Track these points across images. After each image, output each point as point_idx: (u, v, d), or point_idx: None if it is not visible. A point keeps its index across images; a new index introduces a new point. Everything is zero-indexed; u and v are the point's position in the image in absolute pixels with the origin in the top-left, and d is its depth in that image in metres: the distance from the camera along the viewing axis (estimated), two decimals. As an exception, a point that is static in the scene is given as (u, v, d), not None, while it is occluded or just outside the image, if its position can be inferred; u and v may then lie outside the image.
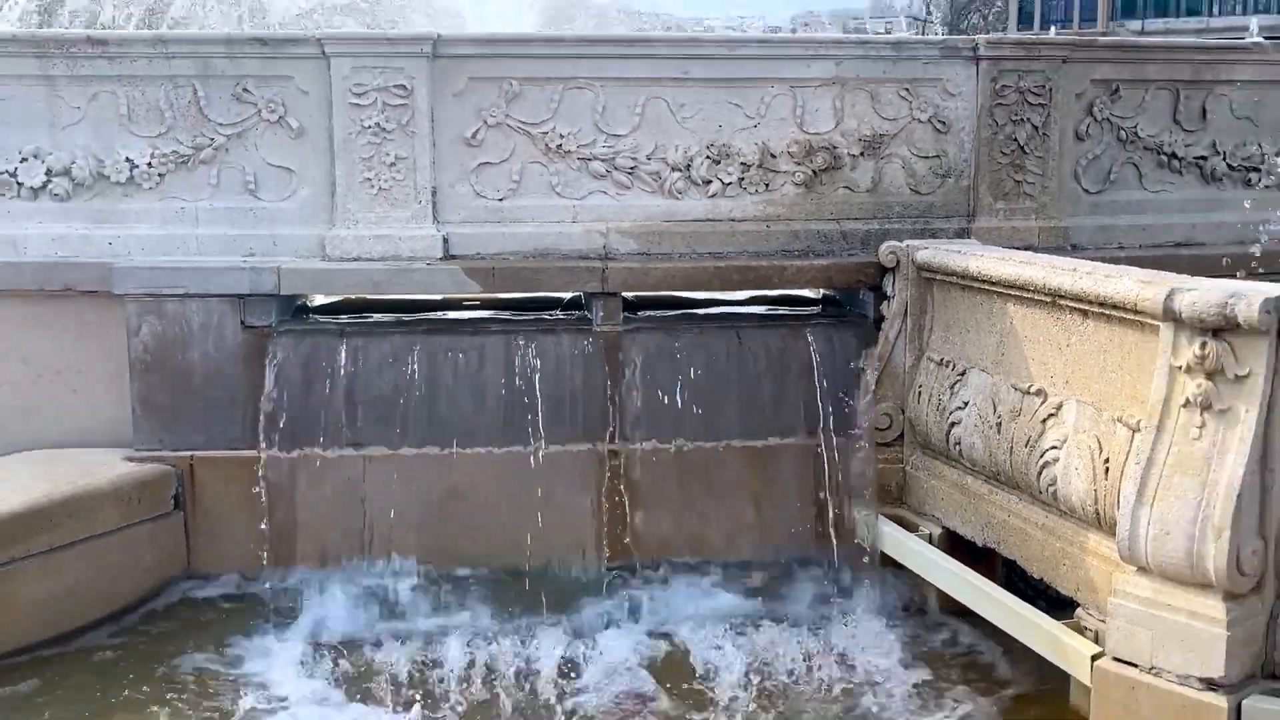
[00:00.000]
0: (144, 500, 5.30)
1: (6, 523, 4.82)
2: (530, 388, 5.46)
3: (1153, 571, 3.94)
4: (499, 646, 5.00)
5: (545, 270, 5.59)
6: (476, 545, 5.48)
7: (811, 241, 5.79)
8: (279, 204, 5.58)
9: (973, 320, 5.14)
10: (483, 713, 4.59)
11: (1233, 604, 3.82)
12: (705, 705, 4.66)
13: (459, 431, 5.46)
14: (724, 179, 5.73)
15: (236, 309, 5.43)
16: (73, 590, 5.03)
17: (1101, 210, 6.15)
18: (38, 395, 5.62)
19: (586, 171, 5.67)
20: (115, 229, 5.54)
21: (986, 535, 5.03)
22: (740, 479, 5.59)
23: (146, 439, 5.47)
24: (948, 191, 5.88)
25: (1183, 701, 3.84)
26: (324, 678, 4.80)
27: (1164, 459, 3.90)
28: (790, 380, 5.59)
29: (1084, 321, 4.47)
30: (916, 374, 5.46)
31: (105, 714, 4.50)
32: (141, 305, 5.40)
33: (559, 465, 5.46)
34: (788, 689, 4.77)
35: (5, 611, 4.80)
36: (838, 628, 5.17)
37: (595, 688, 4.78)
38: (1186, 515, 3.82)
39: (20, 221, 5.54)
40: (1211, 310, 3.73)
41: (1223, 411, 3.80)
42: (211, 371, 5.44)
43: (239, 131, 5.51)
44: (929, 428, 5.34)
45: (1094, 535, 4.41)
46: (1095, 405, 4.42)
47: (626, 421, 5.52)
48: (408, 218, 5.55)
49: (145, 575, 5.31)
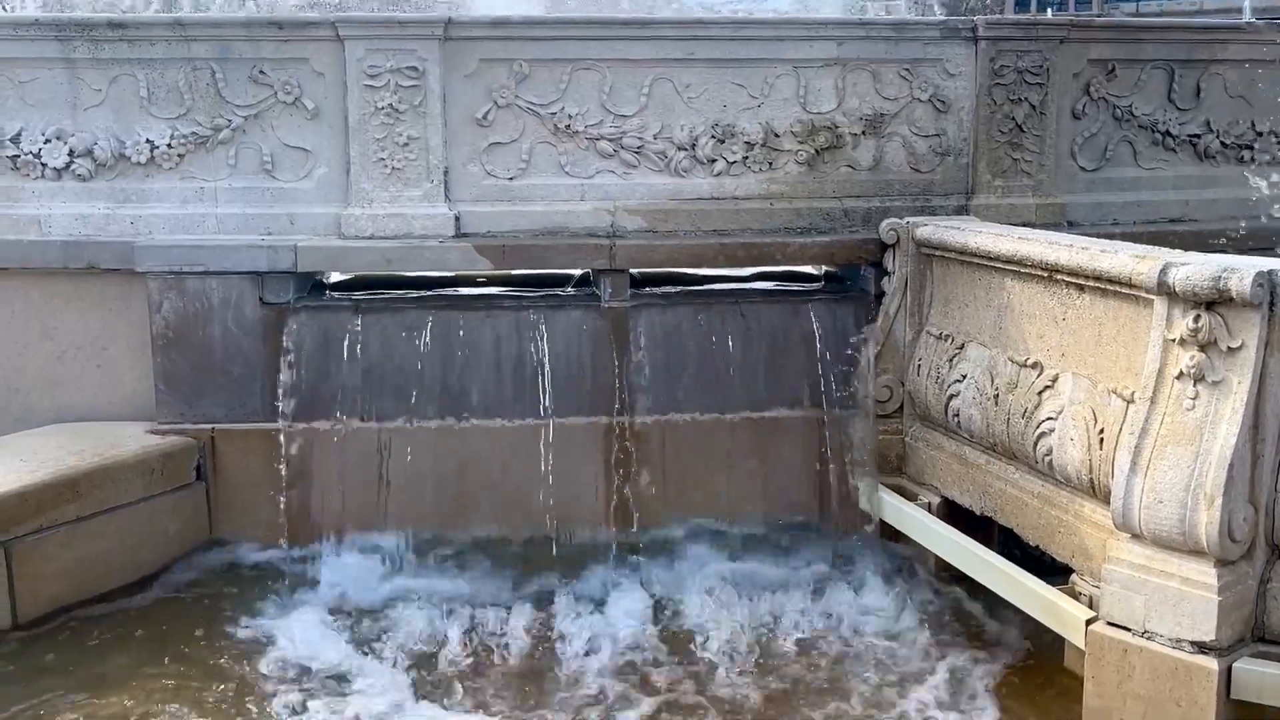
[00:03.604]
0: (167, 471, 5.44)
1: (36, 493, 4.96)
2: (540, 362, 5.59)
3: (1146, 538, 4.06)
4: (508, 612, 5.15)
5: (554, 248, 5.70)
6: (488, 515, 5.61)
7: (814, 219, 5.91)
8: (295, 184, 5.69)
9: (971, 295, 5.27)
10: (491, 675, 4.73)
11: (1224, 570, 3.93)
12: (708, 668, 4.79)
13: (471, 404, 5.58)
14: (728, 158, 5.84)
15: (255, 286, 5.55)
16: (99, 558, 5.18)
17: (1097, 187, 6.26)
18: (62, 371, 5.76)
19: (594, 151, 5.78)
20: (137, 208, 5.67)
21: (984, 504, 5.17)
22: (744, 450, 5.71)
23: (169, 412, 5.60)
24: (947, 169, 6.00)
25: (1175, 664, 3.96)
26: (341, 641, 4.93)
27: (1157, 429, 4.02)
28: (793, 354, 5.71)
29: (1080, 296, 4.59)
30: (916, 348, 5.59)
31: (130, 674, 4.63)
32: (163, 282, 5.53)
33: (568, 437, 5.59)
34: (788, 653, 4.90)
35: (35, 578, 4.95)
36: (839, 593, 5.30)
37: (600, 651, 4.91)
38: (1179, 484, 3.94)
39: (44, 201, 5.67)
40: (1205, 284, 3.84)
41: (1215, 383, 3.91)
42: (231, 347, 5.57)
43: (256, 113, 5.62)
44: (928, 400, 5.48)
45: (1089, 504, 4.54)
46: (1090, 377, 4.54)
47: (634, 394, 5.64)
48: (420, 197, 5.66)
49: (169, 544, 5.46)
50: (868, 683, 4.67)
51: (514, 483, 5.59)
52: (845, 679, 4.71)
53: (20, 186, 5.68)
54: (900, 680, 4.68)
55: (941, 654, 4.87)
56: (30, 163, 5.63)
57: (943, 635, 5.01)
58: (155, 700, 4.46)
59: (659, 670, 4.78)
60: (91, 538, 5.15)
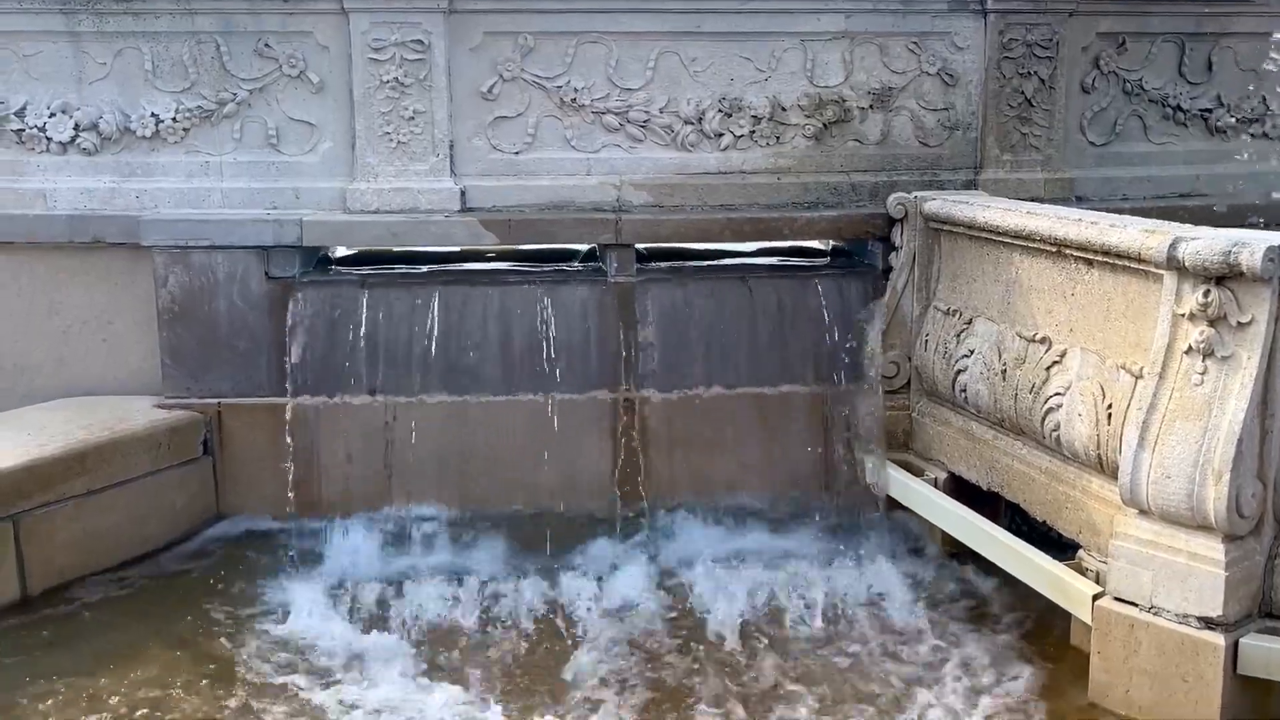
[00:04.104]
0: (174, 446, 5.45)
1: (44, 467, 4.96)
2: (547, 337, 5.58)
3: (1154, 514, 4.06)
4: (513, 585, 5.15)
5: (560, 222, 5.68)
6: (494, 489, 5.61)
7: (821, 194, 5.88)
8: (301, 158, 5.68)
9: (979, 270, 5.25)
10: (497, 650, 4.73)
11: (1231, 545, 3.93)
12: (714, 642, 4.79)
13: (477, 379, 5.58)
14: (735, 132, 5.81)
15: (261, 260, 5.54)
16: (107, 531, 5.20)
17: (1107, 162, 6.23)
18: (68, 345, 5.76)
19: (600, 125, 5.75)
20: (142, 182, 5.65)
21: (991, 479, 5.16)
22: (750, 425, 5.70)
23: (175, 387, 5.61)
24: (955, 144, 5.97)
25: (1181, 639, 3.97)
26: (347, 616, 4.94)
27: (1166, 404, 4.01)
28: (799, 329, 5.70)
29: (1088, 271, 4.57)
30: (923, 323, 5.58)
31: (138, 647, 4.64)
32: (168, 256, 5.52)
33: (575, 412, 5.59)
34: (794, 625, 4.90)
35: (43, 551, 4.97)
36: (844, 568, 5.30)
37: (606, 624, 4.91)
38: (1187, 459, 3.93)
39: (49, 175, 5.66)
40: (1215, 258, 3.82)
41: (1225, 358, 3.90)
42: (237, 321, 5.56)
43: (261, 86, 5.60)
44: (935, 375, 5.47)
45: (1096, 479, 4.53)
46: (1099, 353, 4.53)
47: (640, 370, 5.63)
48: (426, 171, 5.65)
49: (176, 518, 5.47)
50: (872, 657, 4.67)
51: (520, 457, 5.60)
52: (850, 653, 4.71)
53: (25, 160, 5.67)
54: (904, 655, 4.68)
55: (946, 629, 4.86)
56: (35, 136, 5.62)
57: (948, 611, 5.01)
58: (161, 672, 4.48)
59: (666, 644, 4.78)
60: (99, 511, 5.17)
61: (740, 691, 4.44)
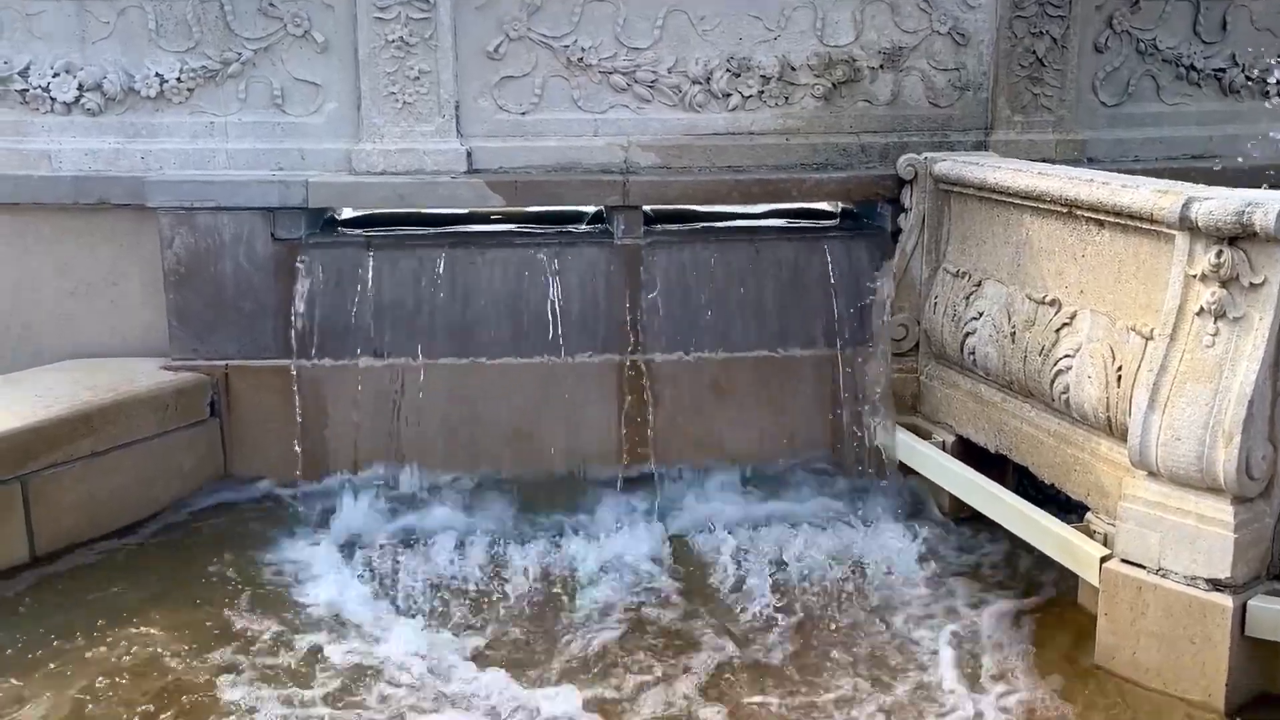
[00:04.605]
0: (181, 408, 5.45)
1: (51, 428, 4.97)
2: (553, 299, 5.56)
3: (1163, 476, 4.04)
4: (521, 548, 5.16)
5: (567, 184, 5.64)
6: (501, 452, 5.61)
7: (830, 155, 5.84)
8: (306, 118, 5.64)
9: (989, 232, 5.21)
10: (503, 610, 4.75)
11: (1241, 507, 3.91)
12: (719, 603, 4.80)
13: (484, 342, 5.56)
14: (744, 92, 5.76)
15: (266, 222, 5.52)
16: (115, 493, 5.21)
17: (1119, 123, 6.17)
18: (75, 307, 5.76)
19: (608, 85, 5.70)
20: (147, 143, 5.63)
21: (999, 442, 5.15)
22: (758, 388, 5.68)
23: (181, 349, 5.60)
24: (966, 104, 5.91)
25: (1189, 601, 3.96)
26: (354, 576, 4.95)
27: (1176, 366, 3.98)
28: (808, 292, 5.67)
29: (1100, 232, 4.53)
30: (933, 285, 5.54)
31: (144, 608, 4.66)
32: (174, 218, 5.50)
33: (581, 375, 5.57)
34: (801, 590, 4.90)
35: (51, 512, 4.97)
36: (851, 531, 5.30)
37: (611, 586, 4.92)
38: (1198, 421, 3.91)
39: (54, 135, 5.64)
40: (1228, 218, 3.79)
41: (1236, 319, 3.87)
42: (243, 283, 5.55)
43: (266, 46, 5.56)
44: (944, 338, 5.44)
45: (1105, 442, 4.52)
46: (1109, 315, 4.50)
47: (647, 332, 5.61)
48: (431, 131, 5.61)
49: (184, 480, 5.48)
50: (879, 619, 4.67)
51: (526, 420, 5.59)
52: (857, 616, 4.71)
53: (29, 121, 5.65)
54: (912, 618, 4.68)
55: (954, 592, 4.86)
56: (39, 97, 5.59)
57: (954, 572, 5.01)
58: (167, 632, 4.50)
59: (671, 607, 4.78)
60: (106, 473, 5.17)
61: (746, 653, 4.45)
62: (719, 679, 4.27)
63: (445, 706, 4.11)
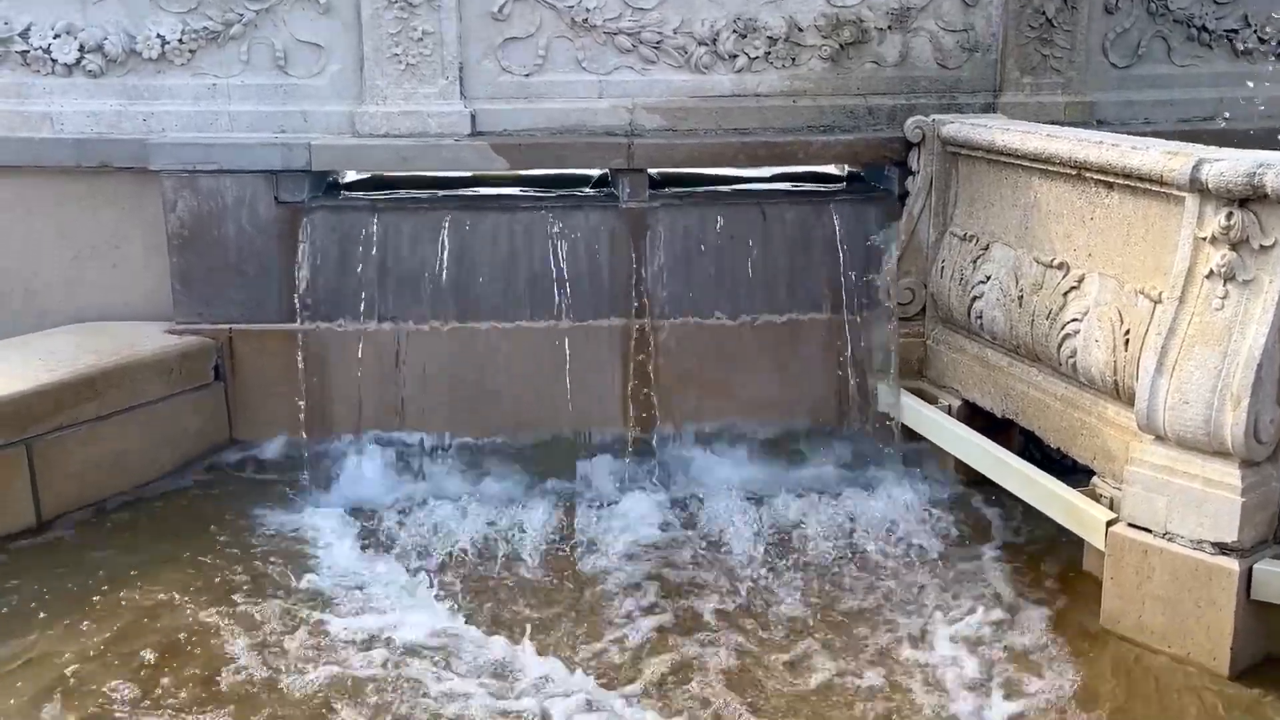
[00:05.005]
0: (185, 371, 5.44)
1: (55, 392, 4.97)
2: (558, 263, 5.53)
3: (1170, 440, 4.03)
4: (525, 513, 5.16)
5: (572, 146, 5.60)
6: (505, 416, 5.60)
7: (837, 117, 5.78)
8: (309, 80, 5.60)
9: (997, 195, 5.17)
10: (507, 576, 4.76)
11: (1248, 471, 3.90)
12: (726, 569, 4.80)
13: (488, 306, 5.55)
14: (750, 53, 5.71)
15: (270, 185, 5.49)
16: (120, 457, 5.21)
17: (1129, 85, 6.10)
18: (78, 271, 5.75)
19: (613, 46, 5.65)
20: (149, 105, 5.59)
21: (1006, 406, 5.13)
22: (764, 353, 5.67)
23: (186, 312, 5.59)
24: (974, 66, 5.85)
25: (1195, 565, 3.95)
26: (358, 539, 4.97)
27: (1185, 329, 3.96)
28: (814, 256, 5.63)
29: (1108, 194, 4.49)
30: (940, 249, 5.51)
31: (148, 571, 4.67)
32: (177, 181, 5.47)
33: (586, 339, 5.56)
34: (806, 555, 4.90)
35: (56, 476, 4.98)
36: (856, 496, 5.29)
37: (616, 552, 4.92)
38: (1206, 384, 3.89)
39: (55, 98, 5.60)
40: (1239, 180, 3.75)
41: (1246, 282, 3.84)
42: (247, 246, 5.53)
43: (268, 7, 5.51)
44: (951, 302, 5.41)
45: (1112, 406, 4.50)
46: (1117, 278, 4.47)
47: (652, 297, 5.58)
48: (435, 94, 5.56)
49: (189, 443, 5.48)
50: (884, 584, 4.67)
51: (531, 384, 5.58)
52: (862, 581, 4.71)
53: (30, 83, 5.61)
54: (917, 583, 4.68)
55: (958, 555, 4.86)
56: (40, 58, 5.55)
57: (959, 537, 5.01)
58: (171, 596, 4.51)
59: (677, 571, 4.79)
60: (111, 437, 5.18)
61: (752, 619, 4.45)
62: (722, 641, 4.27)
63: (452, 666, 4.12)
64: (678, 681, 4.04)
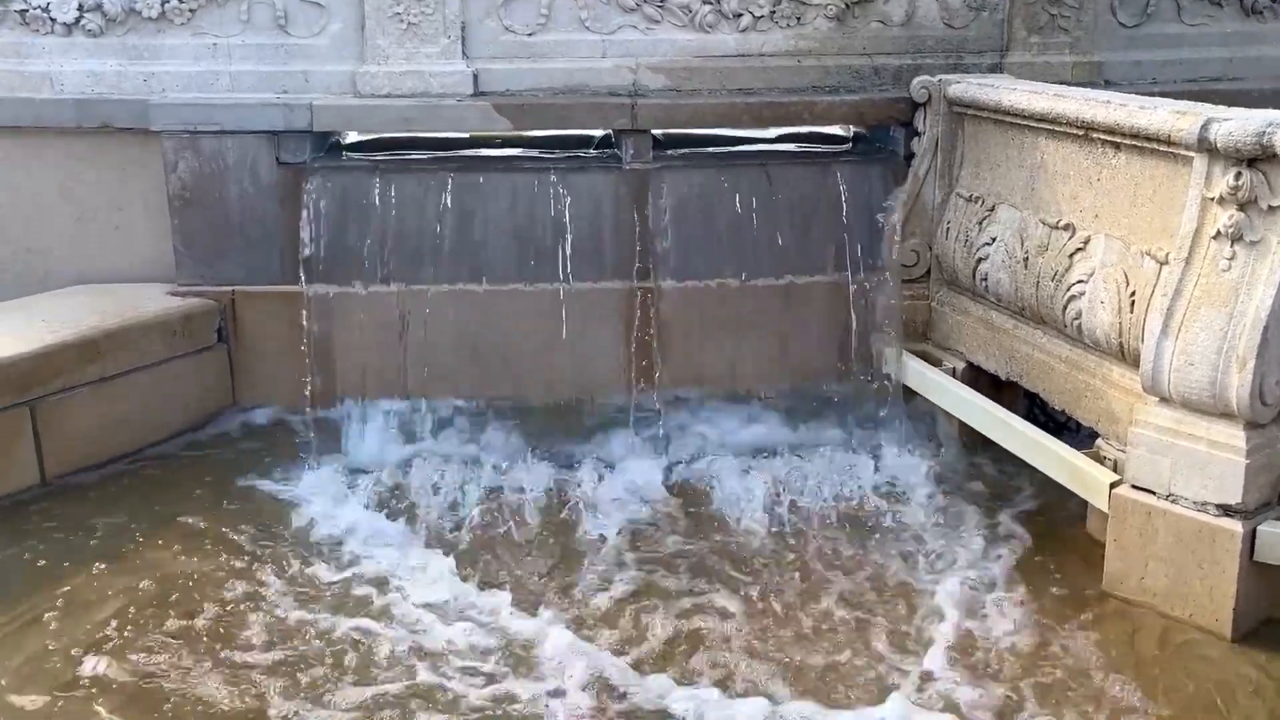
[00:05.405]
0: (188, 333, 5.43)
1: (58, 353, 4.97)
2: (561, 225, 5.50)
3: (1175, 402, 4.02)
4: (527, 475, 5.17)
5: (575, 107, 5.56)
6: (508, 378, 5.59)
7: (843, 77, 5.74)
8: (310, 40, 5.55)
9: (1004, 155, 5.14)
10: (509, 537, 4.77)
11: (1253, 433, 3.89)
12: (727, 532, 4.81)
13: (491, 268, 5.52)
14: (755, 12, 5.65)
15: (271, 145, 5.46)
16: (123, 418, 5.22)
17: (1137, 45, 6.04)
18: (81, 232, 5.73)
19: (616, 5, 5.59)
20: (149, 65, 5.56)
21: (1010, 369, 5.11)
22: (768, 315, 5.64)
23: (188, 274, 5.57)
24: (981, 25, 5.79)
25: (1198, 527, 3.95)
26: (362, 500, 4.98)
27: (1191, 291, 3.94)
28: (819, 218, 5.60)
29: (1116, 155, 4.46)
30: (945, 210, 5.48)
31: (153, 532, 4.69)
32: (178, 142, 5.44)
33: (589, 301, 5.54)
34: (809, 518, 4.91)
35: (60, 437, 4.99)
36: (860, 459, 5.29)
37: (619, 512, 4.94)
38: (1211, 346, 3.87)
39: (55, 58, 5.56)
40: (1248, 140, 3.72)
41: (1254, 243, 3.81)
42: (249, 208, 5.50)
43: (267, -35, 5.48)
44: (956, 264, 5.39)
45: (1117, 368, 4.49)
46: (1123, 239, 4.44)
47: (656, 258, 5.55)
48: (437, 54, 5.52)
49: (192, 406, 5.48)
50: (888, 547, 4.68)
51: (534, 347, 5.57)
52: (866, 544, 4.71)
53: (30, 43, 5.57)
54: (920, 546, 4.68)
55: (961, 518, 4.86)
56: (39, 17, 5.51)
57: (963, 500, 5.00)
58: (176, 555, 4.53)
59: (678, 534, 4.80)
60: (114, 399, 5.18)
61: (753, 581, 4.46)
62: (720, 601, 4.29)
63: (451, 622, 4.15)
64: (681, 641, 4.06)
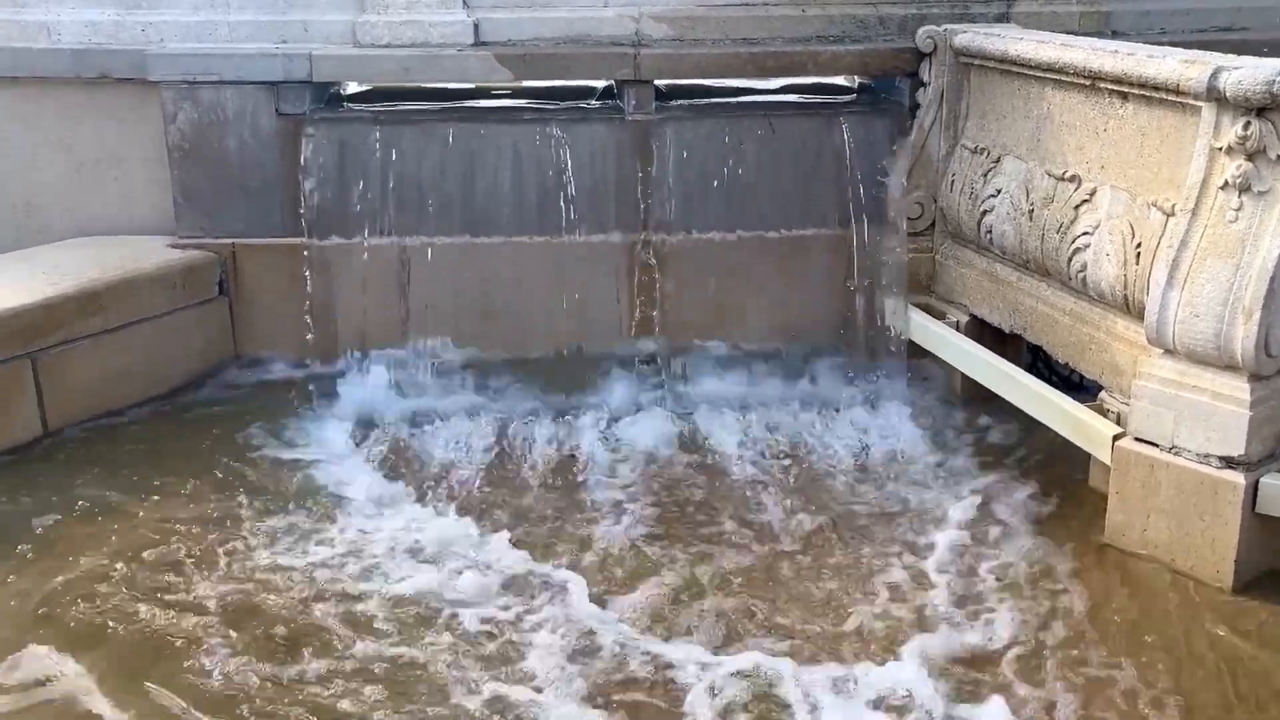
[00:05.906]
0: (189, 286, 5.42)
1: (59, 305, 4.96)
2: (563, 176, 5.47)
3: (1179, 354, 4.00)
4: (529, 426, 5.19)
5: (577, 57, 5.51)
6: (510, 332, 5.58)
7: (847, 27, 5.68)
8: (309, -12, 5.52)
9: (1009, 106, 5.09)
10: (511, 488, 4.79)
11: (1258, 385, 3.88)
12: (730, 484, 4.82)
13: (493, 220, 5.49)
14: (759, -39, 5.60)
15: (270, 96, 5.42)
16: (125, 371, 5.21)
17: (1145, -7, 6.00)
18: (80, 184, 5.71)
19: (619, -47, 5.55)
20: (148, 14, 5.51)
21: (1014, 321, 5.10)
22: (771, 268, 5.62)
23: (188, 227, 5.55)
24: (988, -27, 5.75)
25: (1201, 479, 3.96)
26: (364, 454, 5.00)
27: (1197, 242, 3.91)
28: (823, 169, 5.56)
29: (1123, 105, 4.42)
30: (950, 162, 5.44)
31: (155, 483, 4.70)
32: (177, 92, 5.40)
33: (592, 254, 5.52)
34: (811, 472, 4.92)
35: (61, 389, 4.99)
36: (863, 411, 5.31)
37: (620, 465, 4.95)
38: (1217, 298, 3.86)
39: (52, 7, 5.52)
40: (1258, 88, 3.68)
41: (1261, 193, 3.78)
42: (249, 159, 5.47)
43: (266, -89, 5.42)
44: (960, 216, 5.35)
45: (1122, 320, 4.47)
46: (1130, 191, 4.41)
47: (658, 211, 5.52)
48: (437, 3, 5.47)
49: (194, 358, 5.48)
50: (890, 501, 4.69)
51: (536, 299, 5.55)
52: (868, 497, 4.72)
53: (26, -10, 5.54)
54: (923, 500, 4.68)
55: (963, 472, 4.87)
56: (35, -34, 5.48)
57: (966, 453, 5.02)
58: (177, 507, 4.54)
59: (680, 485, 4.81)
60: (116, 351, 5.18)
61: (754, 533, 4.47)
62: (723, 556, 4.30)
63: (459, 568, 4.17)
64: (685, 587, 4.09)
